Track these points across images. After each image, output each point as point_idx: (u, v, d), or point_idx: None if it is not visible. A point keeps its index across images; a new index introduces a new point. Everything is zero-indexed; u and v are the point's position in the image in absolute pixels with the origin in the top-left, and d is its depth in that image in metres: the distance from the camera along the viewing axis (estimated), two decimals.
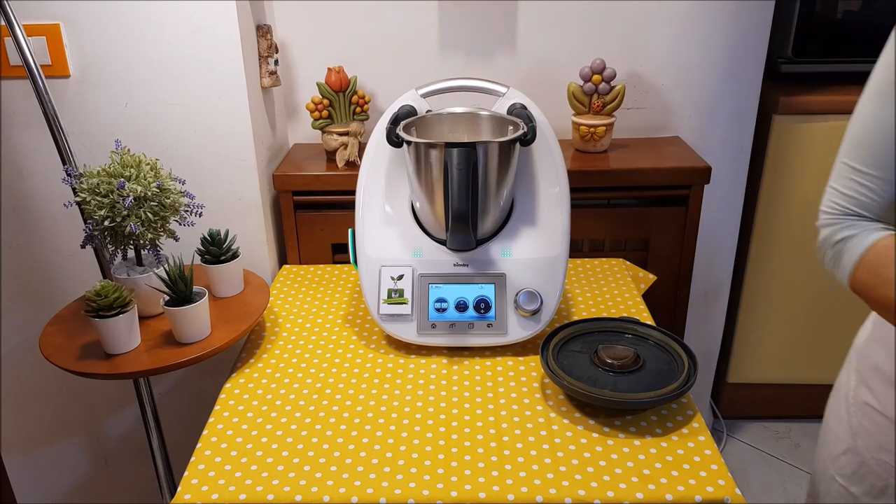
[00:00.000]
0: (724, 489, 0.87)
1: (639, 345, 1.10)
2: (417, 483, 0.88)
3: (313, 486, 0.88)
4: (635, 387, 1.00)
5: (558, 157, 1.19)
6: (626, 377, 1.02)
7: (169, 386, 1.59)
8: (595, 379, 1.02)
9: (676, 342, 1.08)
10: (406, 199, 1.20)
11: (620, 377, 1.02)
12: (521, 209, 1.18)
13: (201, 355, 1.07)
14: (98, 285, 1.04)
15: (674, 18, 1.55)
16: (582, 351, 1.08)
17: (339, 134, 1.49)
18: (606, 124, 1.51)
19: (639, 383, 1.01)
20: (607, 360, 1.04)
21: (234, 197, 1.41)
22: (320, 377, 1.10)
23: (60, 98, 1.31)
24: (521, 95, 1.20)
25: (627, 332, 1.13)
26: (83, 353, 1.08)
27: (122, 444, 1.67)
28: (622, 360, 1.04)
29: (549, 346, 1.08)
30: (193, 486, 0.90)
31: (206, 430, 1.00)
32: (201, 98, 1.33)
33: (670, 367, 1.05)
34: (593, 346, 1.08)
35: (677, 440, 0.95)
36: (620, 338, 1.12)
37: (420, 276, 1.15)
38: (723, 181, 1.68)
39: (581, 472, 0.90)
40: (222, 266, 1.22)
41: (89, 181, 1.08)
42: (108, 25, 1.27)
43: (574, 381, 0.99)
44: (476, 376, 1.09)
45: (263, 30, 1.40)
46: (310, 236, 1.51)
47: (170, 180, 1.13)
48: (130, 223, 1.08)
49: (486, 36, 1.55)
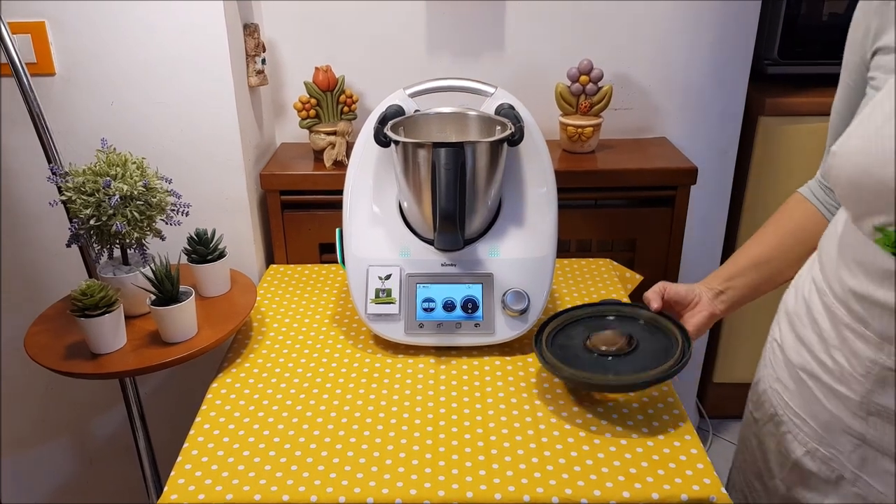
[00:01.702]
0: (710, 488, 0.87)
1: (628, 327, 1.09)
2: (405, 482, 0.88)
3: (300, 486, 0.88)
4: (634, 368, 1.00)
5: (546, 157, 1.19)
6: (623, 360, 1.02)
7: (155, 386, 1.59)
8: (593, 365, 1.01)
9: (667, 318, 1.08)
10: (394, 199, 1.20)
11: (618, 361, 1.02)
12: (509, 209, 1.19)
13: (188, 355, 1.07)
14: (84, 284, 1.03)
15: (661, 20, 1.56)
16: (574, 340, 1.08)
17: (327, 133, 1.49)
18: (594, 125, 1.52)
19: (637, 364, 1.01)
20: (602, 347, 1.04)
21: (221, 196, 1.40)
22: (307, 377, 1.10)
23: (46, 96, 1.30)
24: (509, 96, 1.20)
25: (614, 315, 1.12)
26: (69, 352, 1.08)
27: (108, 443, 1.66)
28: (617, 345, 1.03)
29: (541, 340, 1.07)
30: (180, 486, 0.89)
31: (192, 430, 0.99)
32: (188, 97, 1.32)
33: (663, 345, 1.04)
34: (584, 334, 1.08)
35: (663, 439, 0.95)
36: (609, 322, 1.11)
37: (408, 275, 1.15)
38: (709, 182, 1.69)
39: (568, 471, 0.90)
40: (209, 265, 1.21)
41: (75, 180, 1.08)
42: (93, 23, 1.26)
43: (576, 371, 0.99)
44: (463, 376, 1.09)
45: (250, 29, 1.40)
46: (297, 236, 1.50)
47: (156, 179, 1.13)
48: (116, 222, 1.07)
49: (473, 36, 1.55)
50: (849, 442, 0.86)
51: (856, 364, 0.82)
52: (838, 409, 0.86)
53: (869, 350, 0.80)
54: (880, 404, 0.81)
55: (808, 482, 0.93)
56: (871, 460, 0.84)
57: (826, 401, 0.88)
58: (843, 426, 0.86)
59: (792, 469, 0.95)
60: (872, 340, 0.80)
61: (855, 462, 0.86)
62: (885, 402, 0.80)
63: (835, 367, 0.86)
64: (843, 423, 0.86)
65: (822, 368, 0.88)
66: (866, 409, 0.83)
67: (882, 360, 0.79)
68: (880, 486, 0.84)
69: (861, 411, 0.83)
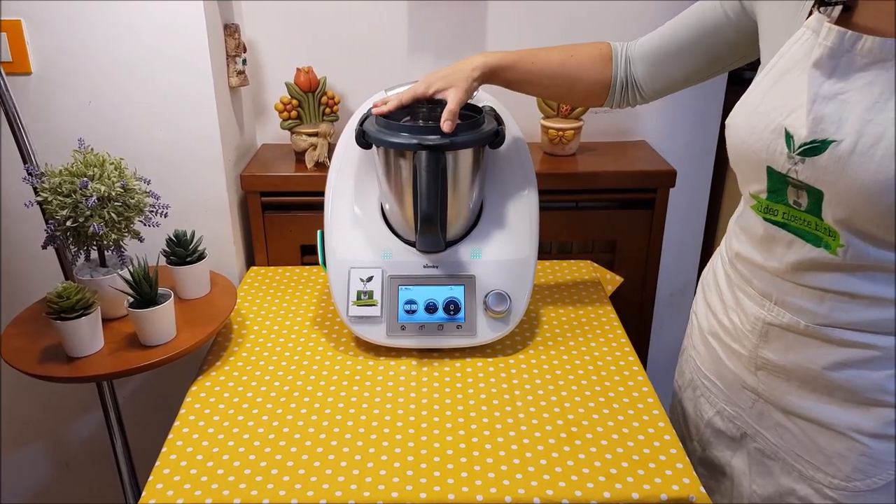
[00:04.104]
0: (689, 487, 0.88)
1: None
2: (386, 485, 0.88)
3: (281, 490, 0.88)
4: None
5: (527, 160, 1.19)
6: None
7: (133, 389, 1.57)
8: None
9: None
10: (375, 201, 1.19)
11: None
12: (491, 211, 1.19)
13: (166, 358, 1.06)
14: (60, 287, 1.02)
15: (640, 22, 1.56)
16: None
17: (309, 135, 1.49)
18: (575, 128, 1.53)
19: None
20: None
21: (201, 197, 1.39)
22: (288, 380, 1.10)
23: (22, 95, 1.28)
24: (491, 98, 1.21)
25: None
26: (44, 356, 1.06)
27: (85, 447, 1.64)
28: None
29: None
30: (158, 490, 0.88)
31: (171, 434, 0.98)
32: (167, 97, 1.31)
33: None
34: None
35: (643, 439, 0.96)
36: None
37: (389, 277, 1.15)
38: (688, 184, 1.70)
39: (549, 472, 0.90)
40: (188, 267, 1.20)
41: (51, 180, 1.06)
42: (71, 22, 1.25)
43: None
44: (445, 378, 1.10)
45: (231, 29, 1.39)
46: (278, 238, 1.49)
47: (134, 180, 1.12)
48: (94, 223, 1.06)
49: (455, 38, 1.55)
50: (748, 398, 0.96)
51: (745, 321, 0.92)
52: (737, 367, 0.96)
53: (754, 307, 0.90)
54: (766, 358, 0.90)
55: (718, 441, 1.03)
56: (766, 414, 0.94)
57: (727, 360, 0.98)
58: (742, 383, 0.96)
59: (705, 429, 1.05)
60: (756, 298, 0.90)
61: (753, 417, 0.96)
62: (769, 356, 0.90)
63: (731, 326, 0.95)
64: (741, 379, 0.96)
65: (722, 329, 0.98)
66: (755, 364, 0.92)
67: (763, 315, 0.88)
68: (774, 439, 0.93)
69: (751, 367, 0.93)
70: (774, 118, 0.79)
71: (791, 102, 0.77)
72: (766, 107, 0.80)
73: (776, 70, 0.81)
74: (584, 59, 1.08)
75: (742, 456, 0.99)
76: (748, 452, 0.98)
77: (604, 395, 1.05)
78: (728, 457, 1.02)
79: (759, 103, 0.82)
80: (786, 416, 0.91)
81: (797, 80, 0.77)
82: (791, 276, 0.84)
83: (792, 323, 0.85)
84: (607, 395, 1.05)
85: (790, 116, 0.77)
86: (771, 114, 0.79)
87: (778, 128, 0.78)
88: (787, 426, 0.91)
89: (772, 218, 0.84)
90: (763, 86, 0.82)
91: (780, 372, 0.89)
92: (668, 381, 1.98)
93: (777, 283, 0.86)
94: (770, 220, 0.85)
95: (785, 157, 0.78)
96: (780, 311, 0.86)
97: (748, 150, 0.83)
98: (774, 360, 0.89)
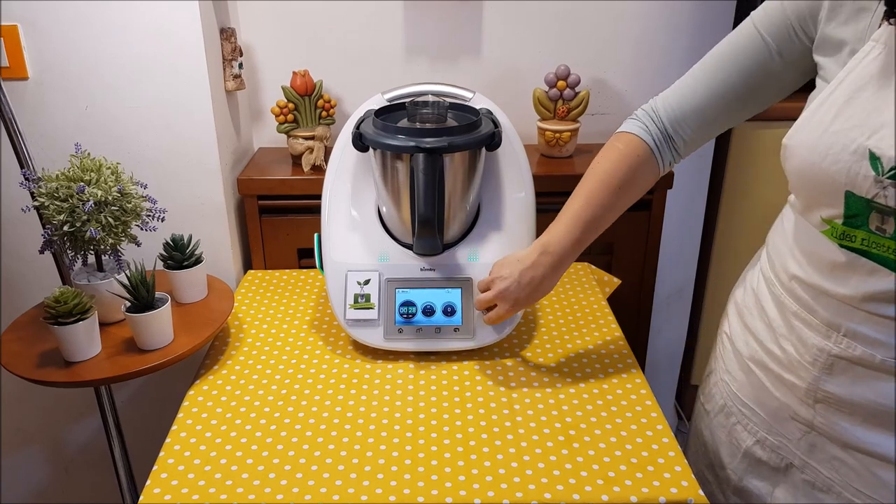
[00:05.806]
0: (688, 490, 0.88)
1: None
2: (384, 489, 0.88)
3: (278, 494, 0.88)
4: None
5: (524, 162, 1.20)
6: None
7: (131, 393, 1.57)
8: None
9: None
10: (372, 204, 1.19)
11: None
12: (488, 214, 1.19)
13: (164, 362, 1.06)
14: (57, 291, 1.02)
15: (636, 24, 1.57)
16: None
17: (305, 138, 1.49)
18: (571, 130, 1.53)
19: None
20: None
21: (198, 201, 1.39)
22: (286, 383, 1.09)
23: (18, 100, 1.28)
24: (487, 101, 1.21)
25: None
26: (42, 360, 1.06)
27: (83, 452, 1.64)
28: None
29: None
30: (155, 494, 0.88)
31: (168, 438, 0.98)
32: (164, 101, 1.31)
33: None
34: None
35: (642, 442, 0.96)
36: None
37: (387, 280, 1.15)
38: (685, 186, 1.70)
39: (547, 474, 0.90)
40: (185, 271, 1.20)
41: (48, 185, 1.06)
42: (67, 27, 1.25)
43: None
44: (443, 381, 1.09)
45: (227, 33, 1.39)
46: (275, 241, 1.49)
47: (131, 184, 1.12)
48: (90, 228, 1.06)
49: (451, 41, 1.56)
50: (797, 429, 0.89)
51: (803, 352, 0.85)
52: (786, 398, 0.89)
53: (816, 338, 0.83)
54: (827, 391, 0.84)
55: (758, 471, 0.97)
56: (820, 447, 0.87)
57: (774, 389, 0.91)
58: (791, 413, 0.89)
59: (742, 458, 0.99)
60: (820, 328, 0.83)
61: (803, 449, 0.89)
62: (832, 390, 0.83)
63: (783, 355, 0.89)
64: (790, 410, 0.89)
65: (770, 357, 0.91)
66: (813, 397, 0.85)
67: (829, 347, 0.82)
68: (828, 473, 0.87)
69: (808, 399, 0.86)
70: (854, 138, 0.72)
71: (872, 121, 0.72)
72: (841, 126, 0.74)
73: (845, 87, 0.75)
74: (632, 179, 1.01)
75: (787, 487, 0.93)
76: (794, 484, 0.92)
77: (602, 398, 1.05)
78: (769, 486, 0.96)
79: (829, 123, 0.75)
80: (844, 449, 0.84)
81: (875, 97, 0.72)
82: (866, 305, 0.77)
83: (864, 356, 0.78)
84: (605, 397, 1.05)
85: (873, 137, 0.71)
86: (850, 134, 0.73)
87: (860, 149, 0.72)
88: (844, 460, 0.85)
89: (848, 244, 0.77)
90: (832, 104, 0.76)
91: (844, 406, 0.83)
92: (666, 383, 1.99)
93: (847, 312, 0.79)
94: (847, 246, 0.77)
95: (871, 181, 0.71)
96: (849, 343, 0.80)
97: (821, 173, 0.76)
98: (839, 393, 0.82)
